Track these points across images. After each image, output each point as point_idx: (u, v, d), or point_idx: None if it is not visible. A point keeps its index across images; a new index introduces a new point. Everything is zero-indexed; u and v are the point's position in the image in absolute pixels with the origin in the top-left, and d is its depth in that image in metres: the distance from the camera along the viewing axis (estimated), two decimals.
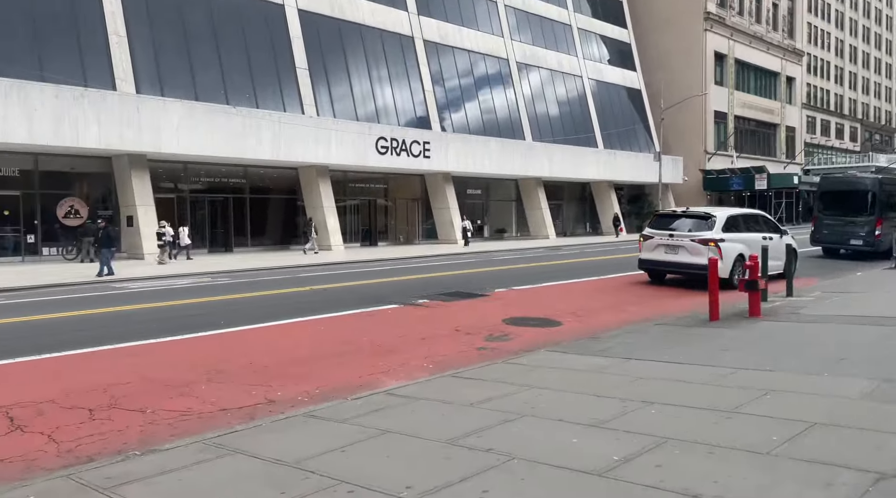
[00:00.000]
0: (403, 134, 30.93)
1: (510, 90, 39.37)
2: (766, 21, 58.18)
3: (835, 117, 71.65)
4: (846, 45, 73.60)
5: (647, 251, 13.93)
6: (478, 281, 15.02)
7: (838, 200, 20.10)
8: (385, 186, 34.45)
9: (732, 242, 13.14)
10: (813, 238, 20.55)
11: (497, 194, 40.79)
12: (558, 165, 39.25)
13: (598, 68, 46.53)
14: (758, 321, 9.08)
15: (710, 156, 52.22)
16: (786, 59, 60.58)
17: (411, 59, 33.89)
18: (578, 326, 9.37)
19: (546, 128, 40.94)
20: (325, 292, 13.23)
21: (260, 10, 27.66)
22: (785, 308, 10.18)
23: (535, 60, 41.36)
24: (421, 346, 7.92)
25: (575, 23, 45.23)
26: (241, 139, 24.67)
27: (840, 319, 8.92)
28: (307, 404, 5.46)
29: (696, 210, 13.91)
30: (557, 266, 19.53)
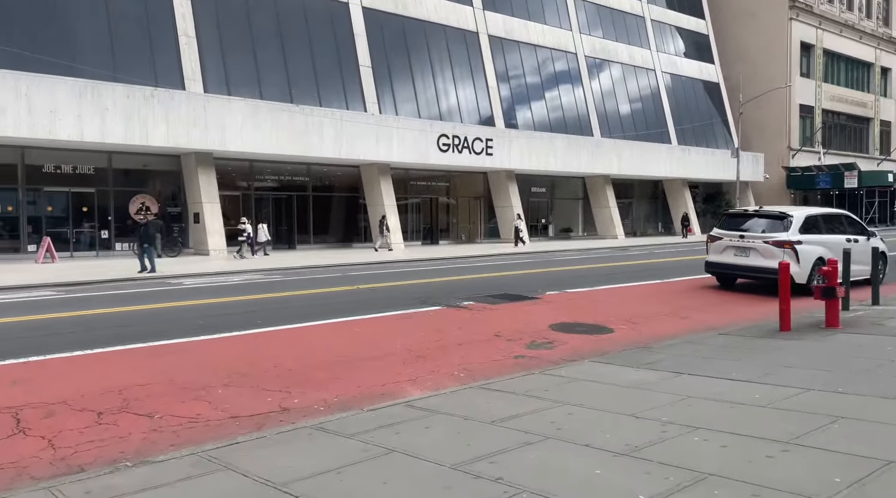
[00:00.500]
0: (465, 131, 30.53)
1: (578, 85, 38.31)
2: (858, 8, 54.36)
3: None
4: None
5: (714, 253, 12.98)
6: (532, 282, 14.44)
7: None
8: (447, 184, 34.17)
9: (811, 245, 12.04)
10: None
11: (563, 192, 39.81)
12: (627, 162, 37.90)
13: (672, 61, 44.70)
14: (835, 333, 8.15)
15: (794, 152, 49.30)
16: (880, 49, 56.44)
17: (475, 56, 33.45)
18: (631, 334, 8.70)
19: (616, 124, 39.63)
20: (371, 292, 13.00)
21: (325, 8, 27.89)
22: (868, 318, 9.15)
23: (605, 54, 40.12)
24: (456, 352, 7.49)
25: (649, 14, 43.60)
26: (303, 137, 24.92)
27: None
28: (321, 414, 5.14)
29: (771, 209, 12.83)
30: (621, 268, 18.66)
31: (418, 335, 8.46)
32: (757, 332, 8.44)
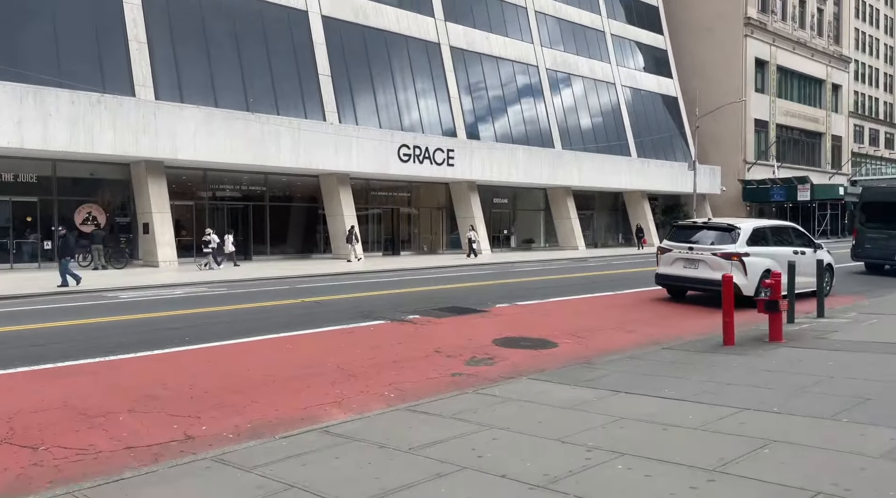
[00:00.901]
0: (427, 141, 30.32)
1: (539, 97, 38.50)
2: (810, 27, 56.05)
3: (884, 126, 68.60)
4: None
5: (664, 265, 12.93)
6: (485, 295, 14.21)
7: (882, 212, 18.64)
8: (409, 195, 33.90)
9: (759, 257, 12.06)
10: (854, 253, 19.12)
11: (525, 203, 39.88)
12: (588, 174, 38.15)
13: (632, 75, 45.31)
14: (778, 347, 8.07)
15: (749, 166, 50.39)
16: (831, 66, 58.26)
17: (437, 66, 33.35)
18: (576, 349, 8.50)
19: (577, 136, 39.91)
20: (317, 305, 12.59)
21: (283, 16, 27.47)
22: (812, 332, 9.12)
23: (566, 67, 40.43)
24: (390, 370, 7.17)
25: (609, 29, 44.15)
26: (259, 146, 24.39)
27: (872, 348, 7.85)
28: (228, 443, 4.77)
29: (719, 221, 12.85)
30: (576, 279, 18.58)
31: (354, 352, 8.12)
32: (701, 346, 8.32)
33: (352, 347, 8.46)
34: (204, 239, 22.83)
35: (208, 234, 22.89)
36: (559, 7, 40.72)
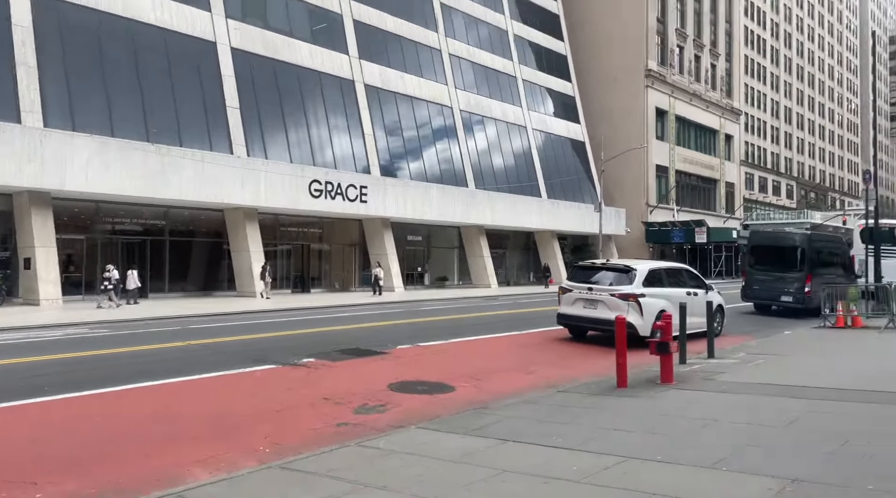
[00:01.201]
0: (339, 177, 29.94)
1: (453, 137, 39.06)
2: (704, 80, 60.16)
3: (772, 175, 74.07)
4: (781, 106, 76.76)
5: (566, 305, 13.07)
6: (389, 335, 13.86)
7: (769, 255, 19.82)
8: (320, 231, 33.24)
9: (654, 298, 12.39)
10: (744, 293, 20.15)
11: (439, 241, 40.01)
12: (501, 214, 38.83)
13: (542, 120, 46.89)
14: (668, 389, 8.17)
15: (652, 209, 52.87)
16: (724, 118, 62.57)
17: (351, 103, 33.25)
18: (472, 393, 8.29)
19: (489, 176, 40.64)
20: (204, 348, 11.83)
21: (189, 46, 26.65)
22: (701, 373, 9.34)
23: (479, 109, 41.33)
24: (270, 421, 6.69)
25: (520, 75, 45.66)
26: (160, 178, 23.26)
27: (758, 389, 8.08)
28: None
29: (617, 262, 13.17)
30: (484, 318, 18.55)
31: (233, 401, 7.56)
32: (595, 388, 8.31)
33: (232, 395, 7.89)
34: (104, 275, 21.30)
35: (109, 270, 21.34)
36: (473, 51, 41.79)
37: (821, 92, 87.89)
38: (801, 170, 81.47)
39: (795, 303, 18.63)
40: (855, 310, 15.57)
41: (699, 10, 59.80)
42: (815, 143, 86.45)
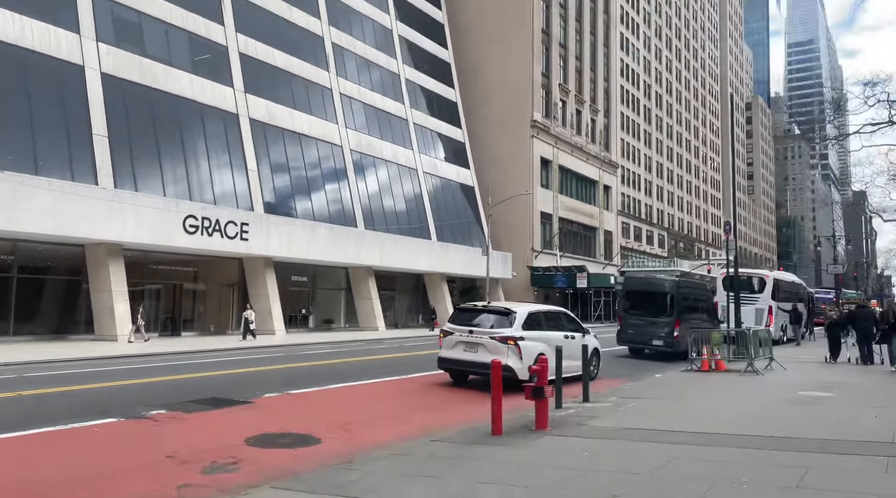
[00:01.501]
0: (218, 213, 28.47)
1: (343, 177, 38.56)
2: (585, 134, 63.70)
3: (646, 225, 79.00)
4: (654, 161, 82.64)
5: (446, 349, 12.77)
6: (259, 382, 12.92)
7: (641, 301, 20.68)
8: (195, 270, 31.35)
9: (533, 341, 12.37)
10: (619, 337, 20.84)
11: (326, 282, 38.96)
12: (390, 255, 38.48)
13: (433, 163, 47.48)
14: (542, 436, 7.97)
15: (536, 254, 54.56)
16: (603, 170, 66.32)
17: (235, 137, 32.01)
18: (340, 446, 7.69)
19: (380, 217, 40.35)
20: (37, 399, 10.41)
21: (53, 68, 24.65)
22: (576, 418, 9.26)
23: (370, 150, 41.20)
24: (93, 488, 5.78)
25: (412, 118, 46.19)
26: (8, 208, 20.99)
27: (627, 435, 8.05)
28: None
29: (497, 305, 13.11)
30: (366, 363, 17.89)
31: (55, 463, 6.53)
32: (469, 436, 7.97)
33: (56, 455, 6.83)
34: None
35: None
36: (364, 92, 41.85)
37: (687, 150, 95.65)
38: (671, 221, 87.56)
39: (666, 346, 19.45)
40: (718, 354, 16.40)
41: (580, 69, 63.65)
42: (683, 197, 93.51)
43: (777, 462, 6.37)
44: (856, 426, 8.34)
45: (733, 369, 15.75)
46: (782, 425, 8.40)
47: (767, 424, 8.44)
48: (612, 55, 70.48)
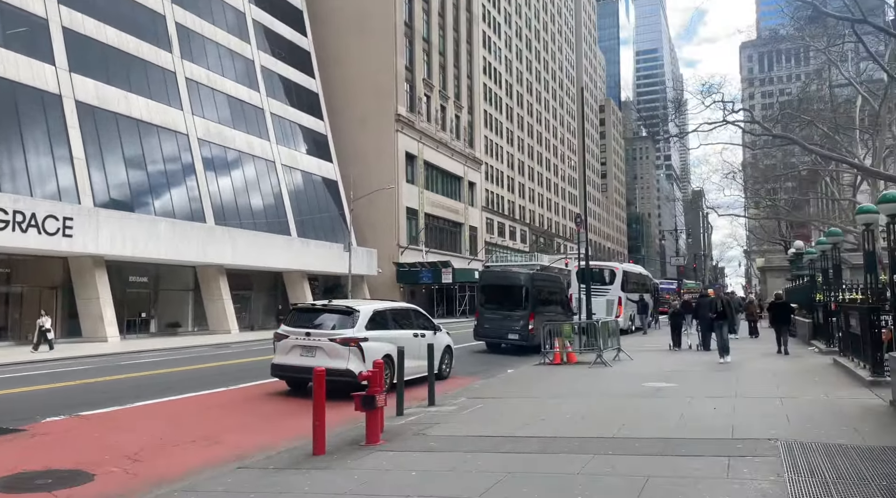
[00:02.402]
0: (34, 206, 24.94)
1: (190, 168, 35.50)
2: (450, 130, 63.92)
3: (508, 221, 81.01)
4: (516, 158, 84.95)
5: (281, 354, 11.45)
6: (45, 401, 10.89)
7: (497, 294, 20.39)
8: (7, 270, 27.35)
9: (378, 342, 11.36)
10: (476, 332, 20.42)
11: (170, 283, 35.71)
12: (244, 252, 35.98)
13: (293, 155, 45.24)
14: (371, 452, 6.97)
15: (402, 249, 53.86)
16: (468, 166, 66.95)
17: (57, 121, 28.26)
18: (117, 483, 6.22)
19: (232, 211, 37.65)
20: None
21: None
22: (416, 426, 8.37)
23: (220, 139, 38.31)
24: None
25: (268, 107, 43.67)
26: None
27: (467, 444, 7.24)
28: None
29: (339, 304, 11.94)
30: (199, 371, 16.04)
31: None
32: (286, 459, 6.80)
33: None
34: None
35: None
36: (213, 78, 38.88)
37: (547, 148, 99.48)
38: (532, 217, 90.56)
39: (521, 340, 19.24)
40: (570, 346, 16.34)
41: (444, 65, 63.75)
42: (544, 194, 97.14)
43: (618, 470, 5.80)
44: (696, 420, 8.12)
45: (584, 361, 15.72)
46: (626, 423, 8.02)
47: (611, 423, 8.01)
48: (476, 53, 71.37)
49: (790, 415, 8.01)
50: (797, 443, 6.40)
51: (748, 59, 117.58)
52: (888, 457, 5.80)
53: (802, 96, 38.04)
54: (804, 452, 6.04)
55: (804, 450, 6.14)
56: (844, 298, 13.74)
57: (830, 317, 16.18)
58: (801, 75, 49.61)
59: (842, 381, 11.01)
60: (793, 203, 47.85)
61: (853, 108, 32.82)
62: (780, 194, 48.07)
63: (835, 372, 12.33)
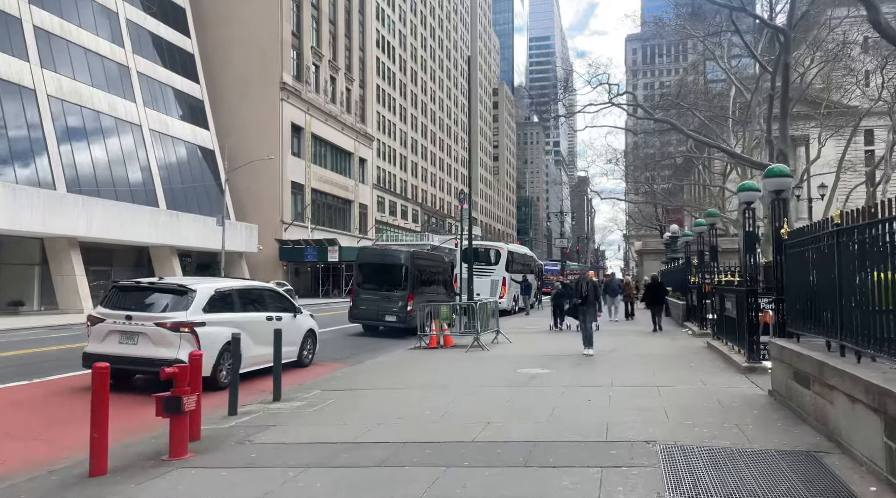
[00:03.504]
0: None
1: (37, 127, 31.32)
2: (340, 103, 61.39)
3: (400, 199, 79.63)
4: (409, 136, 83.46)
5: (95, 341, 9.54)
6: None
7: (375, 274, 19.07)
8: None
9: (219, 326, 9.70)
10: (351, 314, 18.98)
11: (11, 256, 31.59)
12: (102, 224, 32.38)
13: (163, 121, 41.38)
14: (169, 471, 5.46)
15: (286, 226, 51.20)
16: (359, 142, 64.76)
17: None
18: None
19: (89, 178, 33.76)
20: None
21: None
22: (244, 430, 6.89)
23: (76, 98, 34.16)
24: None
25: (134, 65, 39.54)
26: None
27: (297, 455, 5.88)
28: None
29: (170, 282, 10.11)
30: (16, 359, 13.59)
31: None
32: (50, 483, 5.15)
33: None
34: None
35: None
36: (68, 28, 34.51)
37: (440, 128, 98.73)
38: (424, 197, 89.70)
39: (399, 322, 18.07)
40: (447, 329, 15.35)
41: (335, 34, 60.95)
42: (437, 174, 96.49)
43: (468, 492, 4.68)
44: (569, 415, 7.23)
45: (461, 345, 14.79)
46: (492, 420, 6.97)
47: (476, 421, 6.94)
48: (368, 24, 68.92)
49: (668, 408, 7.29)
50: (678, 447, 5.58)
51: (633, 51, 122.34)
52: (775, 463, 5.06)
53: (681, 85, 39.50)
54: (686, 460, 5.20)
55: (686, 456, 5.30)
56: (721, 281, 13.56)
57: (704, 299, 16.20)
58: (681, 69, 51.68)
59: (717, 366, 10.64)
60: (669, 190, 50.15)
61: (727, 99, 34.13)
62: (658, 181, 50.19)
63: (710, 356, 12.06)
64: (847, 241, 5.34)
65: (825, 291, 5.90)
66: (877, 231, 4.78)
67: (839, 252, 5.49)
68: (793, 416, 6.56)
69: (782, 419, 6.51)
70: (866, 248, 5.00)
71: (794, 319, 7.07)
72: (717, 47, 30.95)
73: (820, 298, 6.11)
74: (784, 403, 7.00)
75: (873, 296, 4.80)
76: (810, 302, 6.40)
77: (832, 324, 5.74)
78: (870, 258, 4.89)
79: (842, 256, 5.45)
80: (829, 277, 5.74)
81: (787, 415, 6.65)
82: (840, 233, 5.46)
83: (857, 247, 5.14)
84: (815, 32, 27.20)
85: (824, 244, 5.89)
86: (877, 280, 4.71)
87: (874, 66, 29.38)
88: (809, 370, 6.00)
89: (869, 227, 4.92)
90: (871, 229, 4.87)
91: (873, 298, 4.80)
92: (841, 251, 5.47)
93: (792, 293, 7.19)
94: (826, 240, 5.83)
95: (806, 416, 6.22)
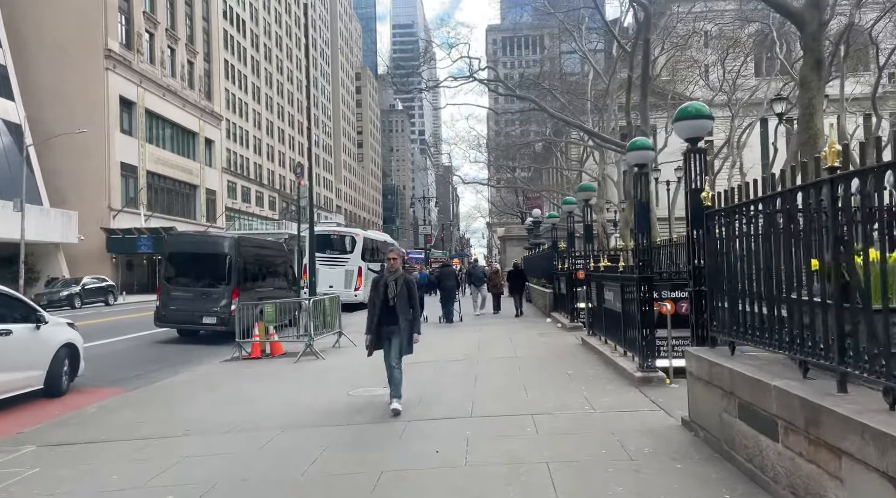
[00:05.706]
0: None
1: None
2: (181, 77, 55.12)
3: (255, 185, 73.91)
4: (263, 117, 77.59)
5: None
6: None
7: (190, 266, 15.40)
8: None
9: None
10: (158, 316, 15.15)
11: None
12: None
13: None
14: None
15: (115, 213, 44.82)
16: (204, 121, 58.71)
17: None
18: None
19: None
20: None
21: None
22: None
23: None
24: None
25: None
26: None
27: None
28: None
29: None
30: None
31: None
32: None
33: None
34: None
35: None
36: None
37: (298, 110, 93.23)
38: (283, 183, 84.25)
39: (220, 324, 14.60)
40: (274, 333, 12.32)
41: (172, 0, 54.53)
42: (295, 159, 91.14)
43: None
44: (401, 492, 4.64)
45: (294, 351, 11.84)
46: None
47: None
48: None
49: (550, 461, 4.91)
50: None
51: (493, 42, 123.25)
52: None
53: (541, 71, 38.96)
54: None
55: None
56: (598, 266, 11.61)
57: (575, 286, 14.38)
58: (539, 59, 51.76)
59: (602, 375, 8.51)
60: (529, 177, 49.94)
61: (584, 87, 33.67)
62: (518, 170, 49.83)
63: (589, 359, 10.00)
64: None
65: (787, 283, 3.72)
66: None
67: (843, 214, 3.30)
68: (738, 473, 4.40)
69: (726, 481, 4.33)
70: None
71: (727, 321, 4.92)
72: (576, 29, 30.24)
73: (780, 293, 3.94)
74: (717, 446, 4.85)
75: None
76: (766, 298, 4.21)
77: (822, 337, 3.54)
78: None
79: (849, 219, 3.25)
80: (811, 258, 3.55)
81: (730, 472, 4.48)
82: (837, 181, 3.25)
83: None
84: (666, 19, 27.16)
85: (806, 204, 3.69)
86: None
87: (714, 59, 30.56)
88: (784, 415, 3.78)
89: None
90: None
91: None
92: (846, 213, 3.27)
93: (721, 283, 5.02)
94: (810, 194, 3.61)
95: (767, 481, 4.03)
